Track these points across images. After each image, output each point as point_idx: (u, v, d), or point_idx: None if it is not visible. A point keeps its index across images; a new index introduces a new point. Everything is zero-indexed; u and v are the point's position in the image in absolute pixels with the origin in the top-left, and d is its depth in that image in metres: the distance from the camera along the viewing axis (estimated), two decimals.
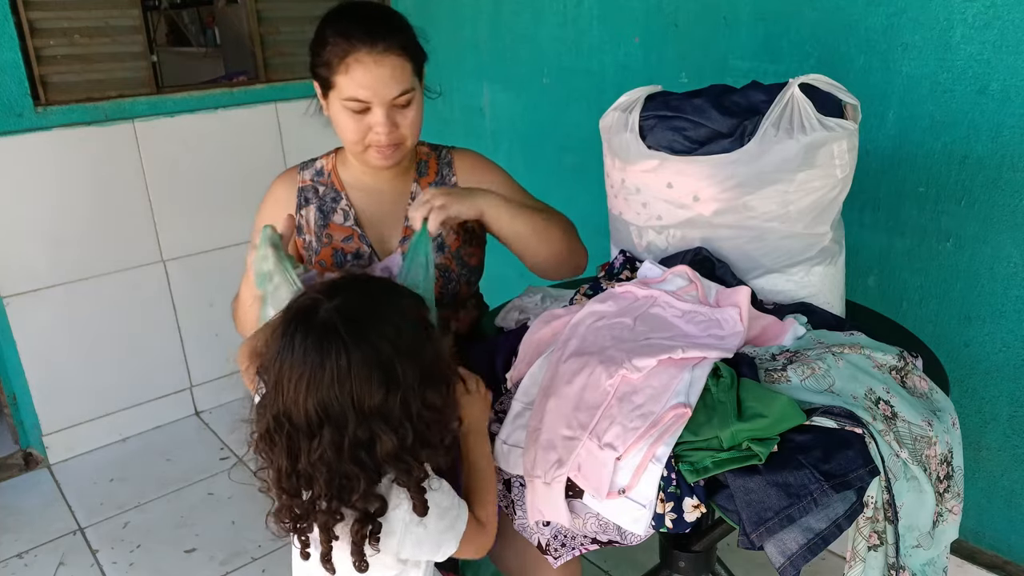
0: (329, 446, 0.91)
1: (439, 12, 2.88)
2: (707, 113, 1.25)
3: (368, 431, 0.92)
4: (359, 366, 0.91)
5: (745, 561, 1.83)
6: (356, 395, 0.91)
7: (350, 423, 0.91)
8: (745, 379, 1.08)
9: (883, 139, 1.77)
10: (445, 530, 1.01)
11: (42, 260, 2.48)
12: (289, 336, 0.94)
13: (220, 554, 2.18)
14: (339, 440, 0.92)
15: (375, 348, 0.91)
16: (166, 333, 2.79)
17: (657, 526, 0.99)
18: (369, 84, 1.30)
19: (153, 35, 3.02)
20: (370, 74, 1.30)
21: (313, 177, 1.51)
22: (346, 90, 1.31)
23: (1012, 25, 1.54)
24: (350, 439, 0.92)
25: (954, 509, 1.10)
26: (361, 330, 0.92)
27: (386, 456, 0.93)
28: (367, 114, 1.33)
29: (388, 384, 0.91)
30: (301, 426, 0.92)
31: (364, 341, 0.91)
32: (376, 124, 1.33)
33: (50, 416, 2.60)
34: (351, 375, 0.90)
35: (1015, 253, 1.64)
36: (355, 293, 0.98)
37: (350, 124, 1.34)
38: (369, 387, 0.91)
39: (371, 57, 1.29)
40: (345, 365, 0.90)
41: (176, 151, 2.68)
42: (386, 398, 0.91)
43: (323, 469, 0.92)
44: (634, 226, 1.39)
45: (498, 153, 2.82)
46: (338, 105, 1.34)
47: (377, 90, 1.31)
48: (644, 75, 2.25)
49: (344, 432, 0.92)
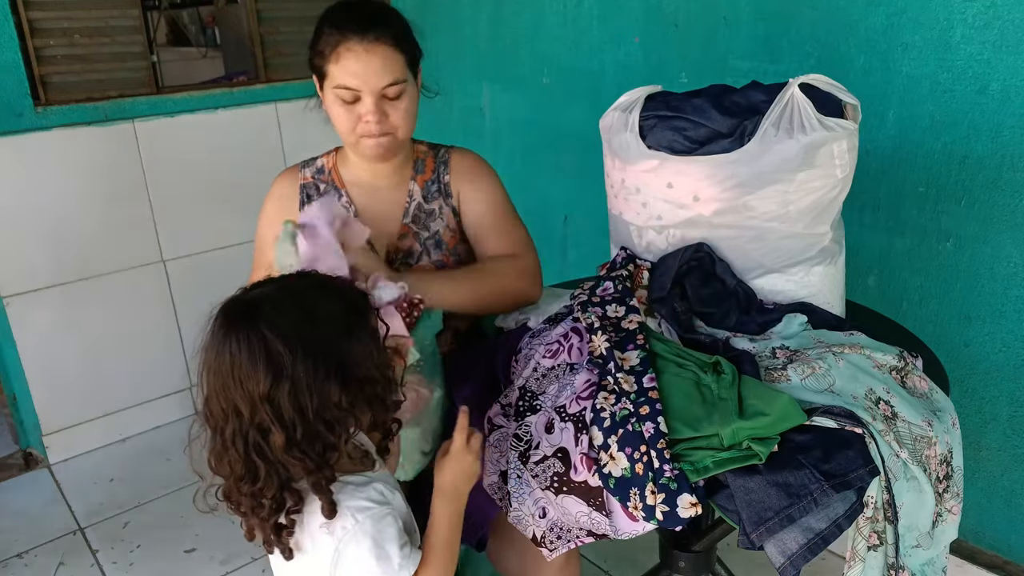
0: (234, 433, 0.92)
1: (439, 12, 2.88)
2: (707, 113, 1.25)
3: (262, 421, 0.92)
4: (247, 354, 0.91)
5: (745, 561, 1.83)
6: (244, 383, 0.91)
7: (246, 412, 0.92)
8: (746, 376, 1.08)
9: (883, 139, 1.77)
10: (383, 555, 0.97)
11: (42, 260, 2.48)
12: (209, 325, 0.95)
13: (220, 554, 2.18)
14: (241, 428, 0.92)
15: (263, 337, 0.91)
16: (166, 333, 2.79)
17: (647, 517, 0.99)
18: (359, 72, 1.33)
19: (153, 35, 3.03)
20: (360, 62, 1.33)
21: (314, 175, 1.51)
22: (337, 78, 1.34)
23: (1012, 25, 1.54)
24: (250, 428, 0.92)
25: (953, 509, 1.10)
26: (254, 319, 0.92)
27: (279, 449, 0.93)
28: (357, 104, 1.36)
29: (275, 374, 0.91)
30: (216, 413, 0.94)
31: (256, 330, 0.91)
32: (366, 113, 1.36)
33: (50, 416, 2.60)
34: (241, 362, 0.91)
35: (1015, 253, 1.64)
36: (277, 285, 0.98)
37: (342, 113, 1.37)
38: (256, 375, 0.91)
39: (361, 46, 1.32)
40: (237, 352, 0.91)
41: (176, 151, 2.68)
42: (271, 388, 0.91)
43: (233, 453, 0.93)
44: (634, 226, 1.39)
45: (498, 153, 2.83)
46: (331, 95, 1.37)
47: (367, 78, 1.33)
48: (644, 75, 2.25)
49: (242, 420, 0.92)
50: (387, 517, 0.98)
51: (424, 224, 1.50)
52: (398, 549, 0.98)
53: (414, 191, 1.50)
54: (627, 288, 1.30)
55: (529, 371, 1.25)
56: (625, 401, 1.06)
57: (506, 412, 1.23)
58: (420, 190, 1.51)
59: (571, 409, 1.13)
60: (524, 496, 1.13)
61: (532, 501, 1.12)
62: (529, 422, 1.17)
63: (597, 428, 1.06)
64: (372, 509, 0.97)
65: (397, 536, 0.98)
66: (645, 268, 1.35)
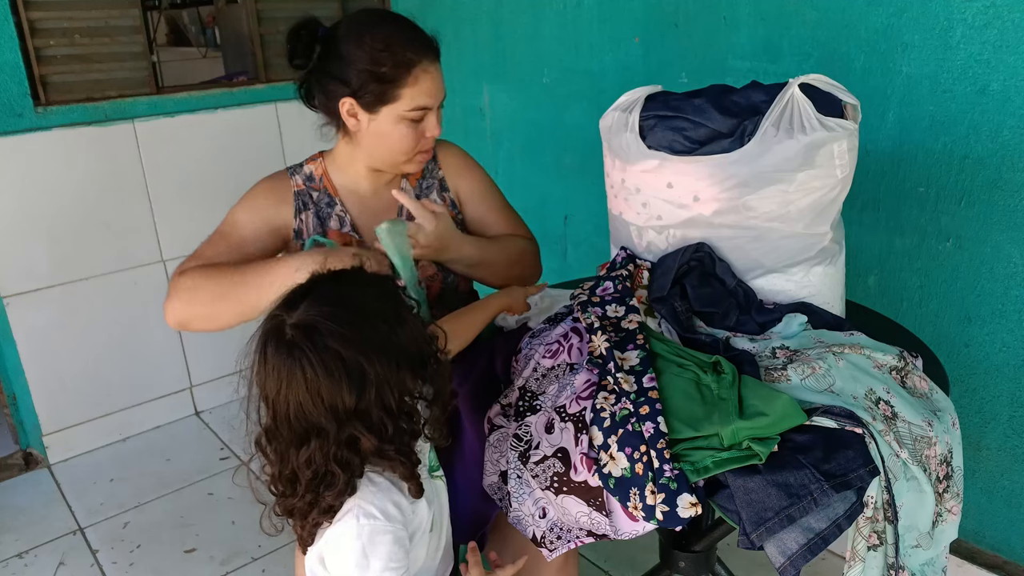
0: (315, 451, 0.94)
1: (439, 12, 2.88)
2: (707, 113, 1.25)
3: (349, 433, 0.94)
4: (325, 375, 0.92)
5: (745, 561, 1.83)
6: (329, 402, 0.93)
7: (331, 429, 0.93)
8: (746, 376, 1.08)
9: (883, 139, 1.77)
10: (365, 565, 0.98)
11: (42, 260, 2.48)
12: (262, 356, 0.96)
13: (220, 554, 2.18)
14: (325, 446, 0.94)
15: (338, 355, 0.92)
16: (166, 333, 2.79)
17: (647, 517, 0.99)
18: (435, 92, 1.37)
19: (153, 35, 3.03)
20: (436, 82, 1.37)
21: (305, 182, 1.50)
22: (412, 101, 1.35)
23: (1012, 25, 1.54)
24: (334, 443, 0.94)
25: (953, 509, 1.10)
26: (322, 339, 0.93)
27: (367, 453, 0.96)
28: (421, 121, 1.38)
29: (359, 386, 0.93)
30: (288, 438, 0.96)
31: (327, 350, 0.92)
32: (431, 127, 1.39)
33: (50, 416, 2.60)
34: (320, 384, 0.92)
35: (1015, 253, 1.64)
36: (315, 301, 0.98)
37: (409, 135, 1.38)
38: (340, 392, 0.92)
39: (434, 65, 1.37)
40: (313, 376, 0.92)
41: (176, 151, 2.68)
42: (360, 398, 0.93)
43: (309, 473, 0.95)
44: (634, 226, 1.39)
45: (498, 153, 2.83)
46: (394, 117, 1.36)
47: (438, 95, 1.39)
48: (644, 75, 2.25)
49: (328, 439, 0.94)
50: (387, 535, 0.98)
51: None
52: (382, 566, 0.97)
53: (407, 190, 1.51)
54: (627, 288, 1.30)
55: (529, 371, 1.25)
56: (625, 401, 1.06)
57: (506, 412, 1.23)
58: (412, 189, 1.52)
59: (571, 409, 1.13)
60: (524, 496, 1.13)
61: (532, 501, 1.12)
62: (529, 422, 1.17)
63: (597, 428, 1.06)
64: (377, 521, 0.97)
65: (387, 555, 0.98)
66: (645, 268, 1.35)
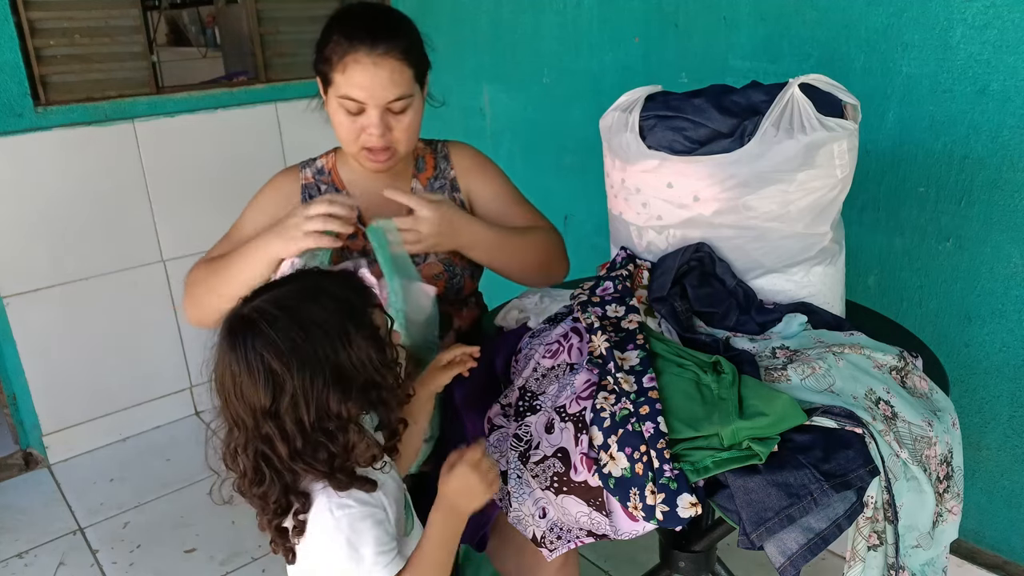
0: (241, 441, 0.95)
1: (439, 12, 2.88)
2: (707, 113, 1.25)
3: (265, 432, 0.94)
4: (247, 371, 0.92)
5: (745, 561, 1.83)
6: (247, 398, 0.93)
7: (250, 423, 0.94)
8: (746, 376, 1.08)
9: (883, 139, 1.77)
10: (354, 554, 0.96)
11: (42, 260, 2.48)
12: (217, 337, 0.97)
13: (220, 554, 2.18)
14: (247, 437, 0.95)
15: (261, 355, 0.92)
16: (166, 333, 2.79)
17: (647, 517, 0.99)
18: (365, 85, 1.31)
19: (153, 35, 3.03)
20: (367, 74, 1.30)
21: (315, 175, 1.51)
22: (342, 88, 1.32)
23: (1012, 25, 1.54)
24: (254, 437, 0.94)
25: (954, 509, 1.10)
26: (253, 337, 0.93)
27: (284, 460, 0.94)
28: (361, 115, 1.34)
29: (274, 391, 0.92)
30: (227, 420, 0.97)
31: (253, 348, 0.92)
32: (369, 126, 1.34)
33: (50, 416, 2.60)
34: (242, 379, 0.93)
35: (1015, 253, 1.64)
36: (268, 300, 0.97)
37: (344, 123, 1.36)
38: (256, 391, 0.92)
39: (370, 58, 1.30)
40: (237, 369, 0.93)
41: (176, 151, 2.68)
42: (273, 402, 0.92)
43: (244, 458, 0.96)
44: (634, 226, 1.39)
45: (498, 153, 2.83)
46: (335, 103, 1.35)
47: (373, 92, 1.31)
48: (644, 75, 2.25)
49: (247, 432, 0.95)
50: (367, 520, 0.96)
51: None
52: (373, 552, 0.96)
53: (417, 190, 1.50)
54: (627, 288, 1.30)
55: (529, 371, 1.25)
56: (625, 401, 1.06)
57: (506, 412, 1.23)
58: (423, 188, 1.50)
59: (571, 409, 1.13)
60: (524, 496, 1.13)
61: (532, 501, 1.12)
62: (529, 422, 1.17)
63: (597, 428, 1.06)
64: (352, 508, 0.95)
65: (375, 540, 0.96)
66: (645, 268, 1.35)
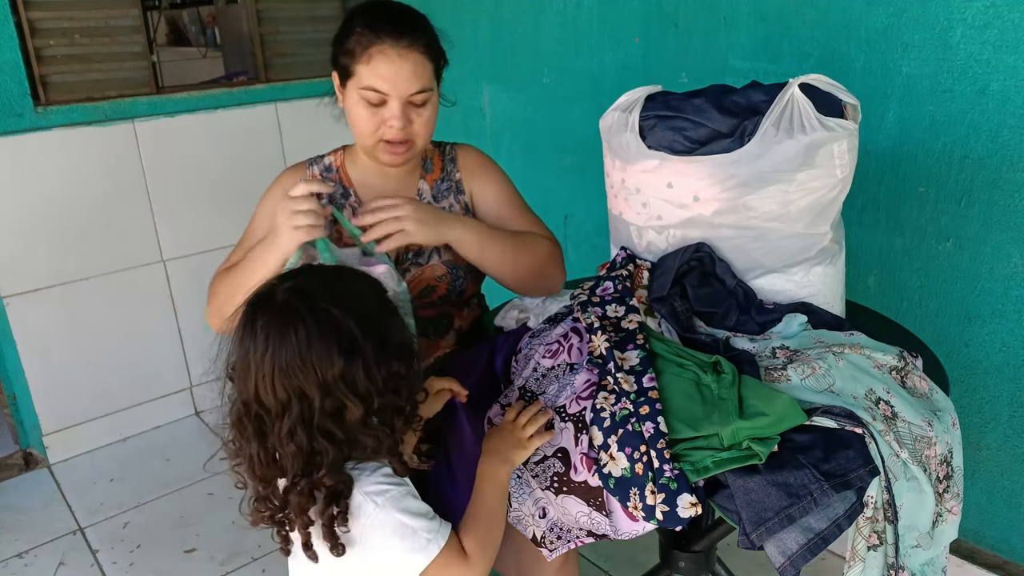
0: (298, 420, 0.93)
1: (439, 12, 2.86)
2: (707, 113, 1.25)
3: (334, 401, 0.94)
4: (318, 338, 0.93)
5: (745, 561, 1.83)
6: (318, 367, 0.93)
7: (316, 396, 0.93)
8: (746, 376, 1.08)
9: (883, 139, 1.77)
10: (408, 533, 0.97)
11: (42, 260, 2.48)
12: (250, 321, 0.96)
13: (220, 554, 2.18)
14: (308, 414, 0.94)
15: (332, 319, 0.93)
16: (166, 333, 2.79)
17: (647, 517, 0.99)
18: (390, 76, 1.32)
19: (153, 35, 3.03)
20: (392, 66, 1.32)
21: (323, 172, 1.50)
22: (365, 79, 1.33)
23: (1012, 25, 1.54)
24: (319, 411, 0.94)
25: (953, 509, 1.10)
26: (316, 303, 0.94)
27: (354, 424, 0.95)
28: (383, 107, 1.35)
29: (349, 353, 0.93)
30: (270, 406, 0.94)
31: (321, 313, 0.94)
32: (391, 118, 1.35)
33: (50, 416, 2.60)
34: (311, 347, 0.93)
35: (1015, 253, 1.64)
36: (308, 275, 1.02)
37: (364, 115, 1.36)
38: (330, 357, 0.93)
39: (395, 50, 1.32)
40: (304, 338, 0.93)
41: (176, 151, 2.68)
42: (347, 367, 0.93)
43: (292, 447, 0.94)
44: (634, 226, 1.39)
45: (498, 153, 2.82)
46: (355, 95, 1.36)
47: (396, 83, 1.33)
48: (644, 75, 2.25)
49: (311, 405, 0.94)
50: (408, 496, 0.99)
51: None
52: (426, 523, 0.98)
53: (424, 190, 1.50)
54: (627, 288, 1.30)
55: (529, 371, 1.25)
56: (625, 401, 1.06)
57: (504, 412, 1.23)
58: (430, 189, 1.51)
59: (571, 409, 1.13)
60: (524, 496, 1.13)
61: (532, 501, 1.12)
62: None
63: (597, 428, 1.06)
64: (391, 490, 0.98)
65: (419, 509, 0.99)
66: (645, 268, 1.35)
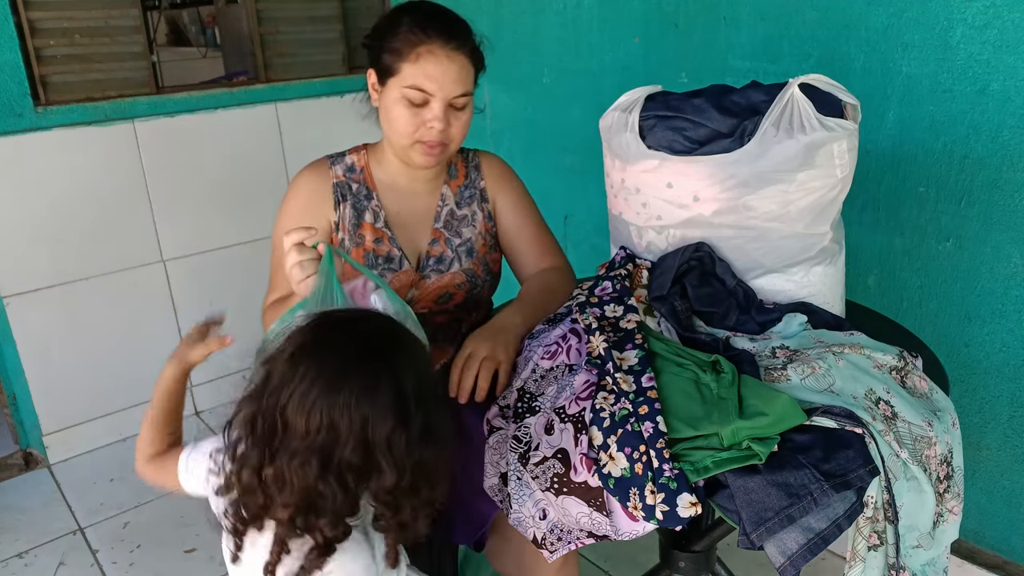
0: (316, 457, 0.88)
1: None
2: (707, 113, 1.25)
3: (362, 457, 0.88)
4: (382, 392, 0.88)
5: (745, 561, 1.83)
6: (367, 419, 0.88)
7: (348, 444, 0.88)
8: (746, 376, 1.08)
9: (883, 139, 1.77)
10: None
11: (42, 260, 2.48)
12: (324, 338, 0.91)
13: (220, 554, 2.17)
14: (328, 456, 0.88)
15: (401, 380, 0.89)
16: (166, 333, 2.79)
17: (647, 517, 0.99)
18: (436, 76, 1.33)
19: (153, 35, 3.03)
20: (440, 67, 1.32)
21: (346, 173, 1.48)
22: (411, 78, 1.33)
23: (1012, 25, 1.54)
24: (341, 459, 0.88)
25: (954, 509, 1.10)
26: (397, 358, 0.90)
27: (381, 490, 0.90)
28: (424, 108, 1.35)
29: (401, 419, 0.89)
30: (296, 428, 0.88)
31: (398, 369, 0.89)
32: (432, 119, 1.35)
33: (50, 416, 2.60)
34: (371, 398, 0.88)
35: (1015, 253, 1.64)
36: (391, 322, 0.96)
37: (405, 114, 1.35)
38: (383, 416, 0.88)
39: (444, 51, 1.32)
40: (370, 386, 0.88)
41: (176, 151, 2.68)
42: (393, 432, 0.88)
43: (298, 478, 0.88)
44: (634, 226, 1.39)
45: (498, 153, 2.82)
46: (396, 93, 1.35)
47: (443, 84, 1.33)
48: (644, 75, 2.25)
49: (337, 449, 0.88)
50: None
51: (456, 230, 1.50)
52: None
53: (447, 196, 1.51)
54: (625, 287, 1.30)
55: (528, 372, 1.25)
56: (624, 401, 1.06)
57: (505, 414, 1.23)
58: (453, 196, 1.51)
59: (570, 410, 1.13)
60: (524, 498, 1.12)
61: (532, 503, 1.12)
62: (528, 423, 1.17)
63: (596, 428, 1.06)
64: None
65: None
66: (644, 267, 1.35)
